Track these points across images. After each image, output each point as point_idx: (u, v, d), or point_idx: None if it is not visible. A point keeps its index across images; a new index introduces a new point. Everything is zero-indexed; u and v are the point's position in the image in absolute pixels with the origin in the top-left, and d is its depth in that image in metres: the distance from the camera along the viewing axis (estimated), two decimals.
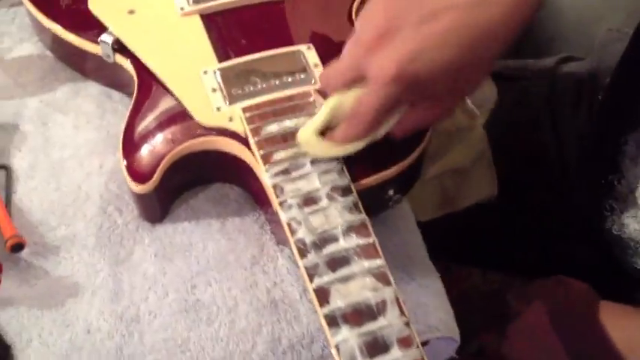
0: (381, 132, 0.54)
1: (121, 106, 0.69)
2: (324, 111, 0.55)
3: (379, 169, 0.58)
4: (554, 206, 0.75)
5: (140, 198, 0.60)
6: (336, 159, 0.56)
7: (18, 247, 0.59)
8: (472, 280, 0.75)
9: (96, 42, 0.65)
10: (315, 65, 0.63)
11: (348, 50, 0.52)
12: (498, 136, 0.76)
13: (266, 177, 0.56)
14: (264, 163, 0.57)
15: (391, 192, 0.61)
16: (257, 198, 0.63)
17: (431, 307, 0.58)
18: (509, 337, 0.71)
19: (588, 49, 0.83)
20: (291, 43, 0.64)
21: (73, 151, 0.66)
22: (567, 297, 0.68)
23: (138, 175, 0.58)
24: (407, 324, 0.50)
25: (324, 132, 0.56)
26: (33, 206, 0.63)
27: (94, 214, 0.62)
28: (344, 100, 0.54)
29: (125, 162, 0.58)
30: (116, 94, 0.70)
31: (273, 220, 0.62)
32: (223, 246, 0.61)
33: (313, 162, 0.56)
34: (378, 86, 0.50)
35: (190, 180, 0.63)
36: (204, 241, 0.61)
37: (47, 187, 0.64)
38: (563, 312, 0.67)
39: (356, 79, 0.52)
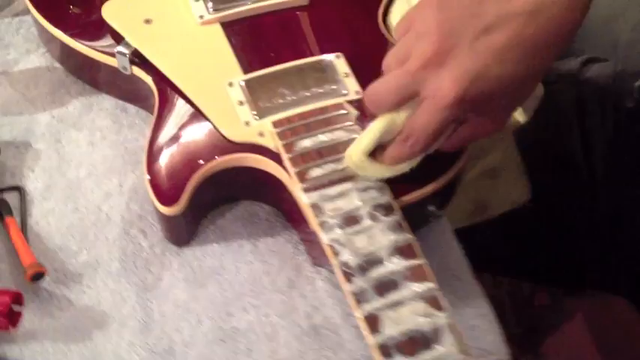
0: (432, 149, 0.52)
1: (138, 120, 0.66)
2: (373, 132, 0.51)
3: (421, 185, 0.55)
4: (583, 213, 0.73)
5: (167, 220, 0.56)
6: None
7: (38, 276, 0.55)
8: (501, 290, 0.73)
9: (111, 53, 0.62)
10: (346, 75, 0.59)
11: (395, 67, 0.49)
12: (527, 140, 0.73)
13: (303, 196, 0.53)
14: (300, 181, 0.54)
15: (432, 207, 0.58)
16: (289, 216, 0.60)
17: (481, 330, 0.55)
18: (547, 355, 0.69)
19: (610, 47, 0.80)
20: (318, 51, 0.61)
21: (89, 170, 0.62)
22: (607, 313, 0.66)
23: (166, 196, 0.55)
24: (465, 352, 0.47)
25: (373, 151, 0.52)
26: (51, 230, 0.59)
27: (116, 236, 0.59)
28: (394, 120, 0.50)
29: (151, 183, 0.55)
30: (132, 108, 0.66)
31: (308, 240, 0.59)
32: (257, 269, 0.57)
33: (352, 179, 0.54)
34: (436, 108, 0.47)
35: (218, 198, 0.60)
36: (237, 264, 0.58)
37: (64, 208, 0.60)
38: (604, 329, 0.65)
39: (407, 99, 0.49)
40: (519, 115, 0.62)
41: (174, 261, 0.58)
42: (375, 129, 0.51)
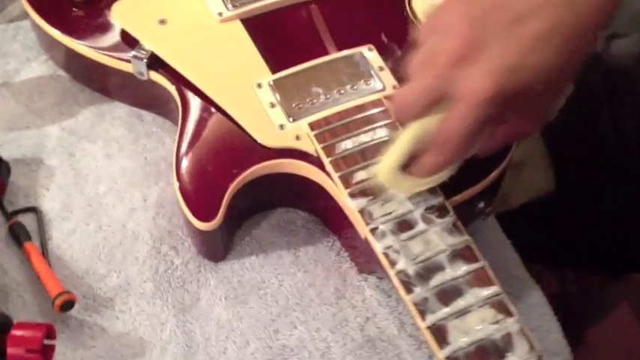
0: (469, 155, 0.47)
1: (155, 127, 0.61)
2: (403, 143, 0.46)
3: (473, 182, 0.52)
4: (617, 198, 0.71)
5: (203, 235, 0.52)
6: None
7: (68, 305, 0.51)
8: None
9: (124, 58, 0.57)
10: (381, 69, 0.56)
11: (421, 68, 0.45)
12: (553, 127, 0.71)
13: (350, 201, 0.49)
14: (346, 186, 0.50)
15: (481, 204, 0.55)
16: (329, 223, 0.56)
17: (544, 330, 0.53)
18: (589, 343, 0.66)
19: (629, 21, 0.78)
20: (349, 45, 0.57)
21: (109, 185, 0.58)
22: None
23: (202, 211, 0.51)
24: (540, 358, 0.45)
25: (406, 163, 0.48)
26: (74, 253, 0.55)
27: (146, 255, 0.55)
28: (425, 127, 0.46)
29: (184, 198, 0.51)
30: (147, 115, 0.62)
31: (351, 246, 0.55)
32: (301, 280, 0.54)
33: None
34: (471, 107, 0.43)
35: (253, 207, 0.56)
36: (278, 277, 0.54)
37: (86, 228, 0.56)
38: None
39: (437, 102, 0.45)
40: None
41: (212, 277, 0.54)
42: (404, 140, 0.46)
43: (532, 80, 0.43)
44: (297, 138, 0.53)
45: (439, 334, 0.45)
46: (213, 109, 0.54)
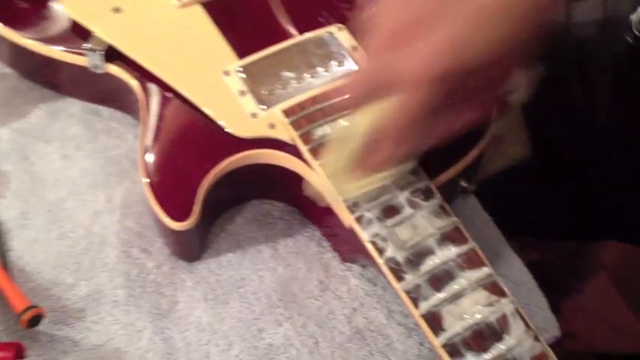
0: (426, 144, 0.44)
1: (115, 123, 0.58)
2: (346, 140, 0.43)
3: (455, 161, 0.51)
4: (592, 161, 0.71)
5: (176, 235, 0.49)
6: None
7: (36, 320, 0.47)
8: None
9: (77, 51, 0.53)
10: (354, 48, 0.53)
11: (370, 54, 0.42)
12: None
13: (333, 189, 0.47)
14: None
15: (464, 183, 0.54)
16: (309, 212, 0.54)
17: (533, 307, 0.52)
18: (565, 311, 0.66)
19: None
20: (317, 25, 0.55)
21: (69, 188, 0.54)
22: (631, 263, 0.64)
23: (176, 211, 0.48)
24: (536, 338, 0.44)
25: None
26: (38, 263, 0.51)
27: (115, 260, 0.52)
28: (370, 119, 0.42)
29: (156, 198, 0.48)
30: (105, 110, 0.58)
31: (332, 235, 0.53)
32: (282, 275, 0.52)
33: None
34: (417, 86, 0.40)
35: (227, 202, 0.54)
36: (259, 273, 0.52)
37: (49, 236, 0.52)
38: (631, 280, 0.63)
39: (385, 87, 0.41)
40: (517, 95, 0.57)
41: (188, 279, 0.51)
42: (352, 134, 0.43)
43: (480, 57, 0.40)
44: (271, 126, 0.50)
45: (434, 321, 0.44)
46: (178, 101, 0.51)
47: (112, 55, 0.53)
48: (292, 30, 0.54)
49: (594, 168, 0.71)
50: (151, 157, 0.49)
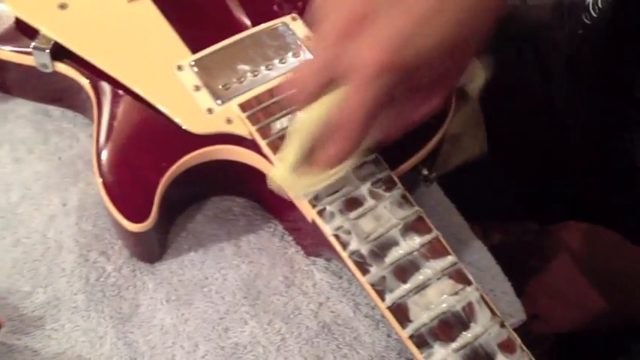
0: (373, 140, 0.44)
1: (66, 123, 0.56)
2: (296, 137, 0.42)
3: (415, 150, 0.50)
4: (550, 145, 0.71)
5: (136, 237, 0.48)
6: (368, 149, 0.47)
7: None
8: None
9: (24, 51, 0.51)
10: (308, 38, 0.53)
11: (316, 46, 0.42)
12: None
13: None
14: None
15: (425, 171, 0.53)
16: (271, 207, 0.53)
17: (498, 293, 0.52)
18: (529, 294, 0.66)
19: None
20: (271, 16, 0.54)
21: (22, 192, 0.53)
22: (593, 243, 0.64)
23: (133, 212, 0.46)
24: (502, 325, 0.44)
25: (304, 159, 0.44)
26: None
27: (73, 265, 0.50)
28: (319, 114, 0.42)
29: (112, 199, 0.47)
30: (55, 110, 0.56)
31: (295, 229, 0.53)
32: (246, 272, 0.51)
33: None
34: (364, 81, 0.39)
35: (186, 199, 0.52)
36: (222, 271, 0.51)
37: (2, 243, 0.51)
38: (594, 259, 0.64)
39: (330, 82, 0.41)
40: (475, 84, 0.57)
41: (149, 281, 0.50)
42: (295, 133, 0.42)
43: (422, 52, 0.39)
44: (228, 121, 0.49)
45: (400, 312, 0.43)
46: (131, 98, 0.50)
47: (61, 53, 0.51)
48: (246, 21, 0.53)
49: (552, 150, 0.71)
50: (105, 158, 0.48)
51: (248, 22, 0.53)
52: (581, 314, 0.64)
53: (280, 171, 0.44)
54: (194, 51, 0.51)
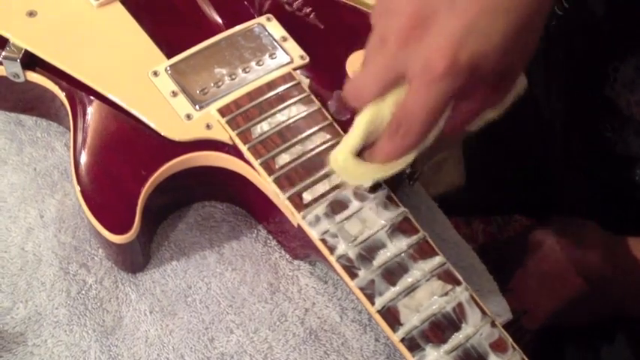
0: (432, 138, 0.44)
1: (40, 132, 0.55)
2: (359, 128, 0.43)
3: None
4: (531, 141, 0.71)
5: (118, 247, 0.47)
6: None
7: None
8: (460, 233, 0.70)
9: None
10: (284, 39, 0.52)
11: (374, 52, 0.42)
12: None
13: (276, 189, 0.46)
14: (269, 173, 0.46)
15: (408, 170, 0.53)
16: (255, 212, 0.52)
17: (485, 291, 0.52)
18: (515, 290, 0.66)
19: None
20: (245, 17, 0.52)
21: None
22: (577, 237, 0.64)
23: (115, 223, 0.45)
24: (493, 324, 0.43)
25: (360, 152, 0.45)
26: None
27: (53, 279, 0.49)
28: (381, 110, 0.43)
29: (92, 212, 0.45)
30: (28, 119, 0.55)
31: (279, 232, 0.52)
32: (230, 280, 0.50)
33: (324, 159, 0.47)
34: (427, 83, 0.40)
35: (168, 207, 0.52)
36: (205, 280, 0.50)
37: None
38: (578, 252, 0.64)
39: (393, 84, 0.42)
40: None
41: (132, 292, 0.49)
42: (360, 123, 0.43)
43: (487, 45, 0.40)
44: (208, 127, 0.48)
45: (390, 316, 0.43)
46: (108, 106, 0.49)
47: (32, 61, 0.50)
48: (221, 24, 0.52)
49: (533, 144, 0.71)
50: (84, 168, 0.47)
51: (223, 24, 0.52)
52: (567, 305, 0.65)
53: (342, 152, 0.44)
54: (168, 54, 0.50)
